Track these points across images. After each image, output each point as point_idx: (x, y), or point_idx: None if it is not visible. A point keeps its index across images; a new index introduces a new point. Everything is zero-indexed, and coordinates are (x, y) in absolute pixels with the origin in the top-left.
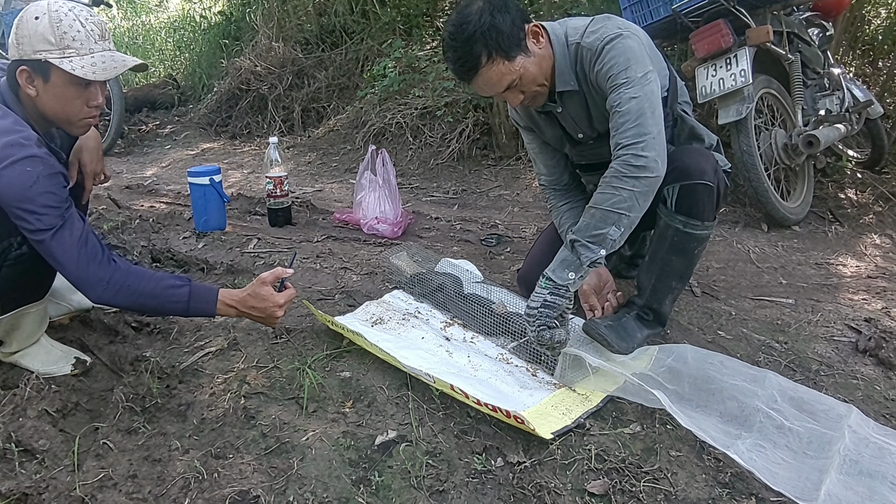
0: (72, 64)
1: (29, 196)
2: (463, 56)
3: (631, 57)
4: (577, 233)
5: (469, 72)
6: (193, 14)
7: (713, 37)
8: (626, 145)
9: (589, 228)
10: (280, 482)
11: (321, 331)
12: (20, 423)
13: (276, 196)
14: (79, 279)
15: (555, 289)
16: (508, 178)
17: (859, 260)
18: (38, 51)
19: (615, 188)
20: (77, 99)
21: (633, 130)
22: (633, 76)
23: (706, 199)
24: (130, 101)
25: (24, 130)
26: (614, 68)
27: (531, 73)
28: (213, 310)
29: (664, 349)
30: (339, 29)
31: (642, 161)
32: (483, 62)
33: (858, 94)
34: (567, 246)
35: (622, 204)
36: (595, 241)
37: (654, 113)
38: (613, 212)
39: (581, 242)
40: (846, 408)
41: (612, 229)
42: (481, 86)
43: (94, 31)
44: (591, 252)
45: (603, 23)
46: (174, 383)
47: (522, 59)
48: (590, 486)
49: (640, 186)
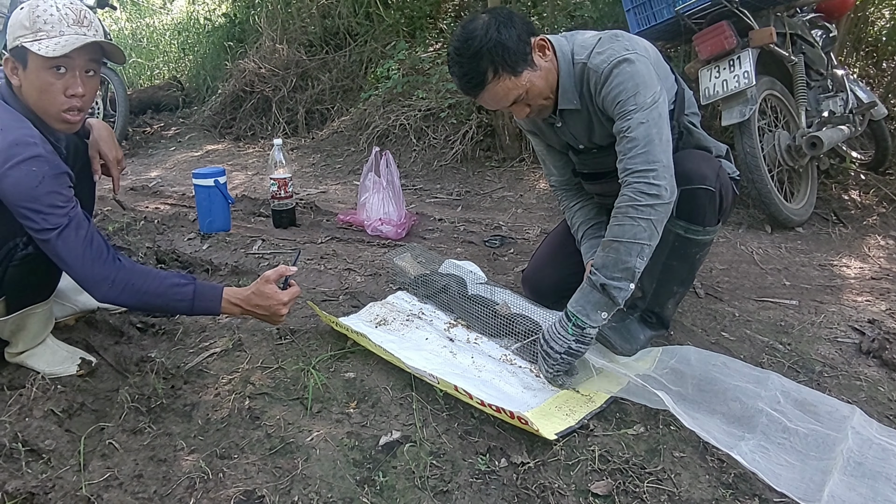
0: (39, 45)
1: (35, 196)
2: (469, 72)
3: (640, 82)
4: (603, 271)
5: (476, 87)
6: (197, 16)
7: (716, 38)
8: (637, 172)
9: (617, 264)
10: (285, 482)
11: (325, 332)
12: (26, 422)
13: (280, 197)
14: (84, 278)
15: (582, 336)
16: (512, 180)
17: (863, 261)
18: (16, 37)
19: (633, 219)
20: (52, 86)
21: (642, 157)
22: (641, 102)
23: (707, 204)
24: (135, 102)
25: (26, 128)
26: (622, 94)
27: (537, 87)
28: (217, 308)
29: (667, 350)
30: (342, 31)
31: (655, 189)
32: (489, 78)
33: (862, 96)
34: (596, 289)
35: (642, 234)
36: (624, 277)
37: (662, 139)
38: (636, 243)
39: (611, 285)
40: (849, 409)
41: (637, 261)
42: (487, 100)
43: (69, 15)
44: (624, 291)
45: (610, 43)
46: (179, 384)
47: (529, 74)
48: (593, 487)
49: (655, 215)
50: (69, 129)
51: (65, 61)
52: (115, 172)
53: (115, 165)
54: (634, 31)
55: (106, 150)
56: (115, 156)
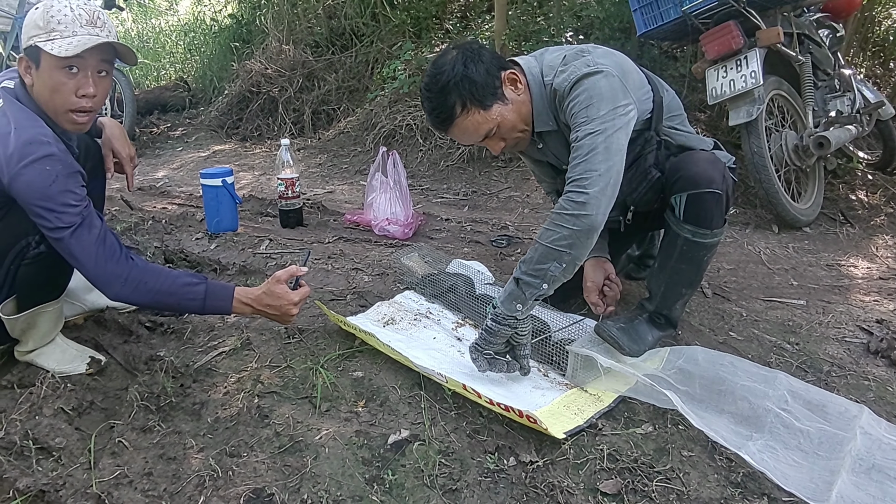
0: (52, 45)
1: (48, 194)
2: (438, 106)
3: (594, 95)
4: (522, 265)
5: (445, 122)
6: (204, 17)
7: (724, 38)
8: (573, 180)
9: (532, 262)
10: (294, 480)
11: (333, 331)
12: (37, 421)
13: (287, 197)
14: (97, 277)
15: (496, 316)
16: (518, 180)
17: (870, 261)
18: (30, 37)
19: (557, 225)
20: (64, 86)
21: (581, 166)
22: (593, 114)
23: (714, 207)
24: (142, 103)
25: (40, 127)
26: (576, 107)
27: (509, 121)
28: (228, 307)
29: (675, 350)
30: (348, 31)
31: (583, 198)
32: (458, 112)
33: (869, 96)
34: (513, 281)
35: (562, 242)
36: (538, 277)
37: (610, 150)
38: (555, 249)
39: (524, 280)
40: (858, 408)
41: (552, 265)
42: (458, 135)
43: (83, 15)
44: (534, 289)
45: (574, 60)
46: (188, 382)
47: (499, 108)
48: (602, 486)
49: (579, 226)
50: (78, 129)
51: (77, 61)
52: (129, 170)
53: (129, 163)
54: (641, 31)
55: (119, 148)
56: (129, 153)
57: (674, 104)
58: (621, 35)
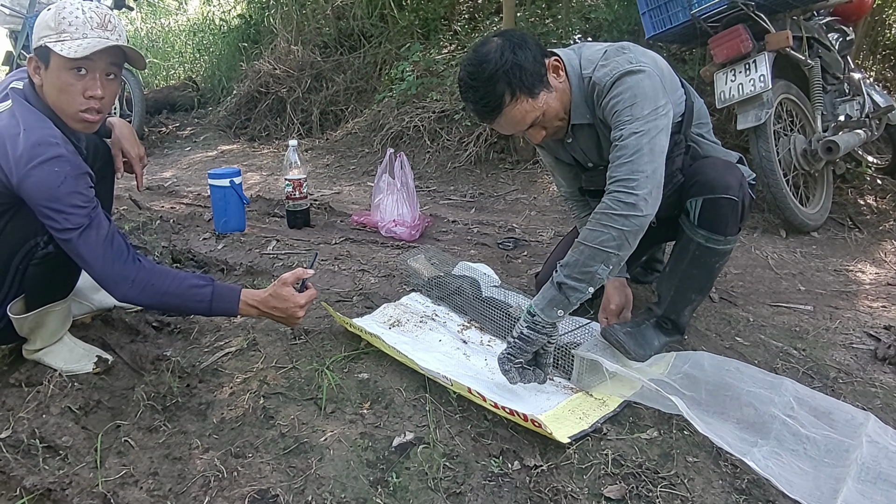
0: (62, 46)
1: (57, 196)
2: (486, 96)
3: (638, 93)
4: (564, 269)
5: (493, 112)
6: (213, 17)
7: (732, 42)
8: (619, 180)
9: (578, 266)
10: (299, 482)
11: (339, 332)
12: (44, 419)
13: (294, 198)
14: (105, 277)
15: (533, 323)
16: (525, 182)
17: (879, 267)
18: (40, 38)
19: (605, 226)
20: (72, 87)
21: (627, 167)
22: (637, 113)
23: (730, 213)
24: (151, 103)
25: (49, 128)
26: (619, 105)
27: (553, 109)
28: (235, 309)
29: (681, 356)
30: (357, 33)
31: (632, 199)
32: (507, 101)
33: (879, 100)
34: (554, 286)
35: (611, 243)
36: (583, 280)
37: (654, 150)
38: (602, 250)
39: (568, 285)
40: (864, 415)
41: (600, 267)
42: (504, 125)
43: (93, 18)
44: (579, 292)
45: (615, 56)
46: (194, 383)
47: (545, 95)
48: (606, 491)
49: (629, 226)
50: (86, 129)
51: (86, 63)
52: (139, 169)
53: (138, 162)
54: (650, 33)
55: (128, 148)
56: (138, 153)
57: (702, 112)
58: (630, 38)
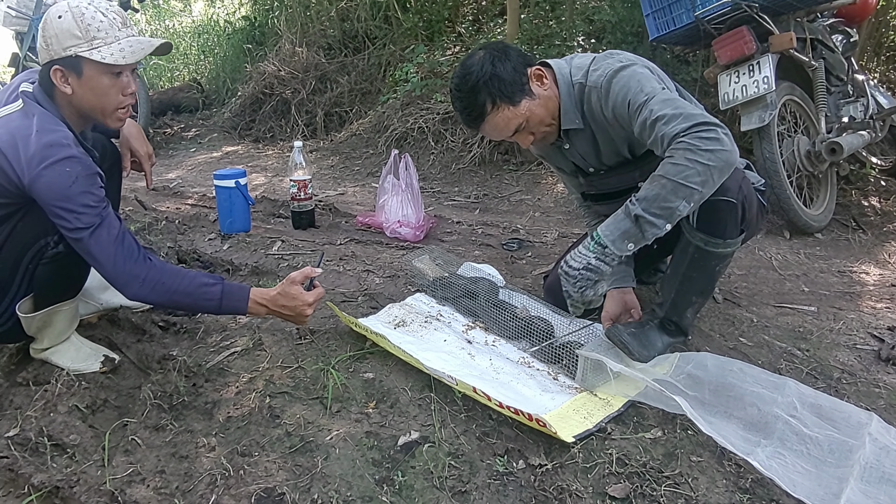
0: (101, 53)
1: (68, 195)
2: (469, 105)
3: (641, 79)
4: (642, 203)
5: (476, 119)
6: (217, 19)
7: (736, 44)
8: (685, 130)
9: (658, 200)
10: (305, 480)
11: (345, 332)
12: (51, 418)
13: (299, 199)
14: (115, 277)
15: (603, 255)
16: (530, 183)
17: (882, 268)
18: (67, 47)
19: (689, 160)
20: (112, 88)
21: (682, 119)
22: (651, 90)
23: (728, 216)
24: (156, 104)
25: (62, 130)
26: (629, 93)
27: (537, 115)
28: (244, 308)
29: (684, 356)
30: (361, 34)
31: (713, 134)
32: (489, 109)
33: (883, 101)
34: (629, 218)
35: (695, 178)
36: (662, 215)
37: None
38: (686, 185)
39: (646, 219)
40: (867, 416)
41: (682, 204)
42: (490, 131)
43: (116, 19)
44: (657, 228)
45: (605, 60)
46: (201, 382)
47: (527, 103)
48: (611, 490)
49: (715, 161)
50: (122, 124)
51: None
52: (148, 167)
53: (147, 160)
54: (653, 35)
55: (137, 146)
56: (146, 151)
57: None
58: (633, 39)
